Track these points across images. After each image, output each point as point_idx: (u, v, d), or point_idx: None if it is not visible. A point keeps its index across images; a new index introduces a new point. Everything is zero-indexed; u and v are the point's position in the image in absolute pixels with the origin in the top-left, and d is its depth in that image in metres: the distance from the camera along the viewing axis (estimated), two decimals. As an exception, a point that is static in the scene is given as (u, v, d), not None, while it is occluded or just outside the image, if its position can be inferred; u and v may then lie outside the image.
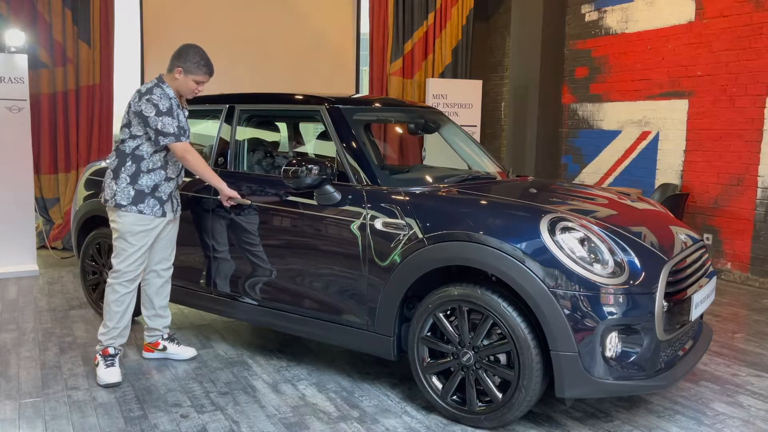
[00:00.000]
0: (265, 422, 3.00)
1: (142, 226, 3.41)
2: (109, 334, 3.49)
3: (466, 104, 7.81)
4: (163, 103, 3.34)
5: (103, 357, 3.48)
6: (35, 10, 6.29)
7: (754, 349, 4.12)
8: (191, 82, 3.42)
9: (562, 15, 7.61)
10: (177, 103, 3.44)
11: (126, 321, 3.51)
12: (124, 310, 3.49)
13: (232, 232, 3.72)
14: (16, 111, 5.63)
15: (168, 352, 3.74)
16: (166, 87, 3.42)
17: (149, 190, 3.41)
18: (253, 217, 3.60)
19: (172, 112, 3.36)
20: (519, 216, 2.96)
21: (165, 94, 3.38)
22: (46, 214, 6.65)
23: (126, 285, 3.46)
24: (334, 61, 8.07)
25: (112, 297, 3.46)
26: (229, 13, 7.43)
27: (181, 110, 3.48)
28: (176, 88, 3.44)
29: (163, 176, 3.45)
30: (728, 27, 5.87)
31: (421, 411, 3.13)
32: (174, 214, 3.59)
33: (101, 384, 3.38)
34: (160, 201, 3.45)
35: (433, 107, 4.55)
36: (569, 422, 3.04)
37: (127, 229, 3.39)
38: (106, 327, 3.50)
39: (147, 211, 3.40)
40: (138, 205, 3.38)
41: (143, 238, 3.43)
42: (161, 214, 3.46)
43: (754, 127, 5.70)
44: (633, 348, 2.73)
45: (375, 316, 3.18)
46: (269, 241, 3.55)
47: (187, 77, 3.40)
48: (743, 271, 5.88)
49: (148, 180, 3.40)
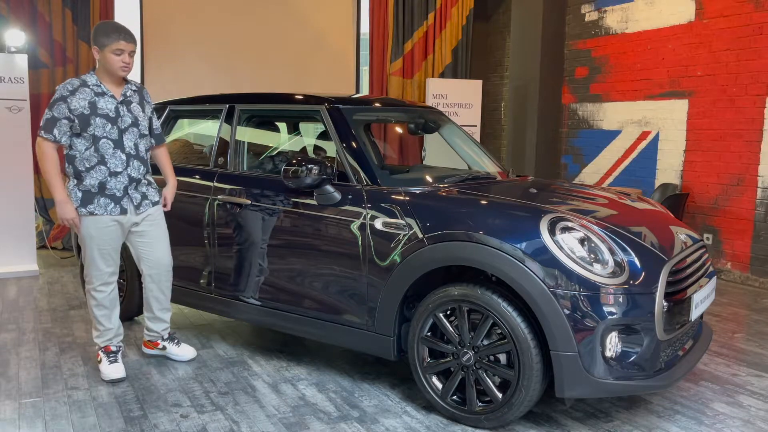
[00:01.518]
0: (265, 422, 3.00)
1: (97, 229, 3.28)
2: (104, 336, 3.48)
3: (466, 104, 7.81)
4: (56, 94, 3.20)
5: (106, 353, 3.47)
6: (35, 10, 6.29)
7: (754, 349, 4.12)
8: (110, 55, 3.20)
9: (562, 15, 7.61)
10: (94, 91, 3.23)
11: (115, 320, 3.49)
12: (109, 312, 3.45)
13: (231, 232, 3.72)
14: (16, 111, 5.63)
15: (167, 351, 3.72)
16: (87, 76, 3.26)
17: (96, 189, 3.26)
18: (253, 217, 3.60)
19: (54, 104, 3.19)
20: (519, 216, 2.96)
21: (69, 83, 3.22)
22: (46, 214, 6.65)
23: (100, 289, 3.39)
24: (334, 61, 8.07)
25: (92, 302, 3.42)
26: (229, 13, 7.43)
27: (101, 97, 3.24)
28: (104, 71, 3.25)
29: (106, 172, 3.26)
30: (728, 27, 5.87)
31: (421, 411, 3.13)
32: (139, 210, 3.39)
33: (106, 380, 3.39)
34: (113, 199, 3.29)
35: (433, 107, 4.55)
36: (569, 422, 3.04)
37: (85, 233, 3.28)
38: (98, 330, 3.48)
39: (99, 211, 3.26)
40: (87, 207, 3.25)
41: (102, 240, 3.30)
42: (118, 212, 3.31)
43: (754, 127, 5.70)
44: (633, 348, 2.73)
45: (375, 316, 3.18)
46: (269, 241, 3.55)
47: (104, 52, 3.20)
48: (743, 271, 5.88)
49: (91, 179, 3.24)
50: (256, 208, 3.59)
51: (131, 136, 3.34)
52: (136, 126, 3.37)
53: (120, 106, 3.31)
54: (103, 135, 3.24)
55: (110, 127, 3.26)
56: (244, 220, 3.64)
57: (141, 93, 3.47)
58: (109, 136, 3.26)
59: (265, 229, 3.56)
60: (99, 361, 3.49)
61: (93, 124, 3.22)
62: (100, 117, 3.23)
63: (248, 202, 3.62)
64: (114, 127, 3.27)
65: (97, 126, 3.23)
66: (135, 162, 3.36)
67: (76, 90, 3.22)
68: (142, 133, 3.41)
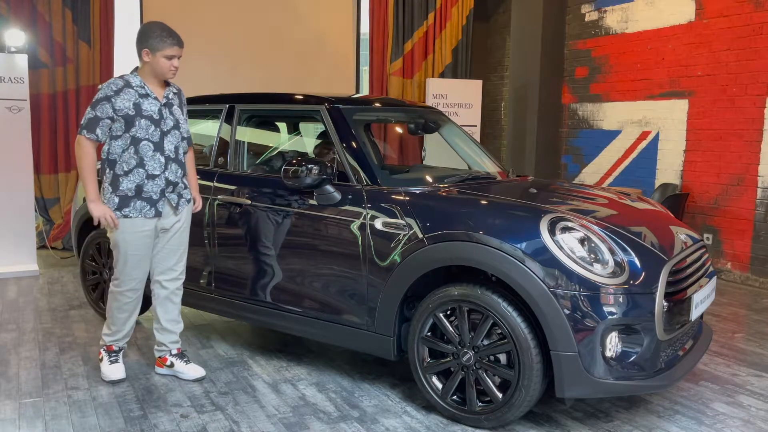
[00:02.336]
0: (265, 422, 3.00)
1: (132, 233, 3.24)
2: (113, 336, 3.46)
3: (466, 104, 7.81)
4: (100, 93, 3.16)
5: (108, 353, 3.46)
6: (35, 10, 6.29)
7: (754, 349, 4.11)
8: (162, 59, 3.18)
9: (562, 15, 7.61)
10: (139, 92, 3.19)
11: (130, 325, 3.47)
12: (128, 316, 3.43)
13: (231, 232, 3.72)
14: (16, 111, 5.64)
15: (175, 369, 3.50)
16: (130, 76, 3.23)
17: (132, 193, 3.22)
18: (253, 217, 3.60)
19: (97, 103, 3.14)
20: (519, 216, 2.96)
21: (113, 83, 3.18)
22: (46, 214, 6.65)
23: (128, 294, 3.35)
24: (334, 61, 8.06)
25: (115, 304, 3.37)
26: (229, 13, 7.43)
27: (145, 99, 3.20)
28: (151, 73, 3.23)
29: (144, 175, 3.22)
30: (728, 27, 5.87)
31: (421, 411, 3.13)
32: (177, 210, 3.36)
33: (106, 380, 3.38)
34: (149, 201, 3.24)
35: (433, 107, 4.55)
36: (569, 422, 3.04)
37: (119, 236, 3.24)
38: (110, 329, 3.45)
39: (134, 214, 3.22)
40: (123, 210, 3.21)
41: (136, 244, 3.26)
42: (153, 214, 3.26)
43: (754, 127, 5.70)
44: (633, 348, 2.73)
45: (375, 316, 3.18)
46: (269, 241, 3.55)
47: (155, 56, 3.17)
48: (743, 271, 5.88)
49: (128, 182, 3.21)
50: (256, 208, 3.59)
51: (172, 139, 3.29)
52: (177, 129, 3.32)
53: (163, 108, 3.26)
54: (145, 137, 3.19)
55: (153, 129, 3.21)
56: (244, 220, 3.64)
57: (180, 96, 3.44)
58: (150, 138, 3.21)
59: (265, 229, 3.56)
60: (100, 360, 3.48)
61: (137, 125, 3.17)
62: (145, 119, 3.18)
63: (248, 202, 3.62)
64: (157, 130, 3.22)
65: (140, 127, 3.18)
66: (173, 165, 3.31)
67: (120, 90, 3.17)
68: (183, 136, 3.37)
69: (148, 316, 4.44)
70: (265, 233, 3.56)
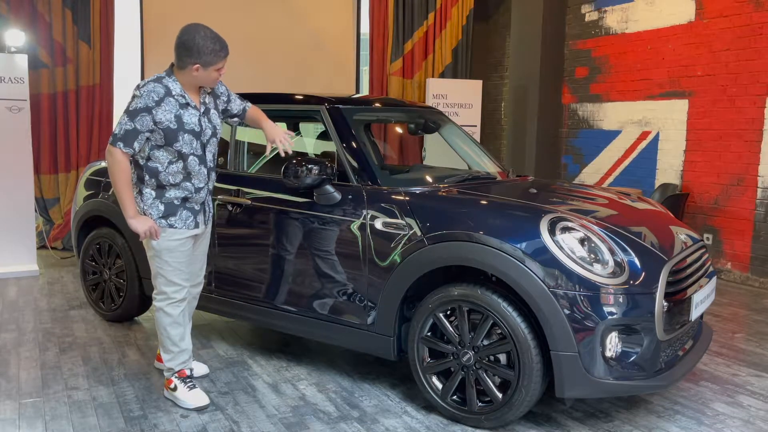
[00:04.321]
0: (265, 422, 3.00)
1: (176, 241, 3.09)
2: (178, 358, 3.21)
3: (466, 104, 7.81)
4: (140, 102, 2.92)
5: (182, 379, 3.20)
6: (35, 10, 6.28)
7: (754, 349, 4.11)
8: (213, 73, 3.01)
9: (562, 15, 7.61)
10: (179, 102, 2.99)
11: (188, 340, 3.24)
12: (183, 330, 3.21)
13: (231, 232, 3.72)
14: (16, 111, 5.63)
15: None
16: (169, 81, 3.00)
17: (179, 202, 3.09)
18: (253, 217, 3.60)
19: (137, 113, 2.91)
20: (519, 216, 2.96)
21: (153, 91, 2.94)
22: (46, 214, 6.65)
23: (177, 305, 3.17)
24: (334, 61, 8.06)
25: (167, 320, 3.17)
26: (229, 13, 7.43)
27: (185, 109, 3.01)
28: (196, 83, 3.05)
29: (191, 188, 3.09)
30: (728, 27, 5.87)
31: (421, 411, 3.13)
32: (206, 223, 3.27)
33: (189, 408, 3.11)
34: (192, 212, 3.13)
35: (433, 107, 4.55)
36: (569, 422, 3.04)
37: (162, 246, 3.07)
38: (171, 353, 3.20)
39: (179, 224, 3.08)
40: (169, 219, 3.06)
41: (180, 252, 3.12)
42: (194, 225, 3.14)
43: (754, 127, 5.70)
44: (633, 348, 2.73)
45: (375, 316, 3.18)
46: (269, 241, 3.55)
47: (207, 70, 2.99)
48: (743, 271, 5.88)
49: (176, 192, 3.07)
50: (256, 208, 3.59)
51: (212, 148, 3.18)
52: (215, 136, 3.19)
53: (202, 118, 3.09)
54: (190, 152, 3.04)
55: (196, 144, 3.06)
56: (244, 220, 3.64)
57: (214, 95, 3.26)
58: (195, 153, 3.06)
59: (265, 229, 3.56)
60: (173, 389, 3.19)
61: (181, 140, 3.00)
62: (188, 133, 3.02)
63: (248, 202, 3.62)
64: (198, 142, 3.07)
65: (185, 143, 3.01)
66: (213, 174, 3.23)
67: (161, 100, 2.94)
68: (218, 140, 3.25)
69: (147, 316, 4.44)
70: (265, 233, 3.56)
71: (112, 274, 4.30)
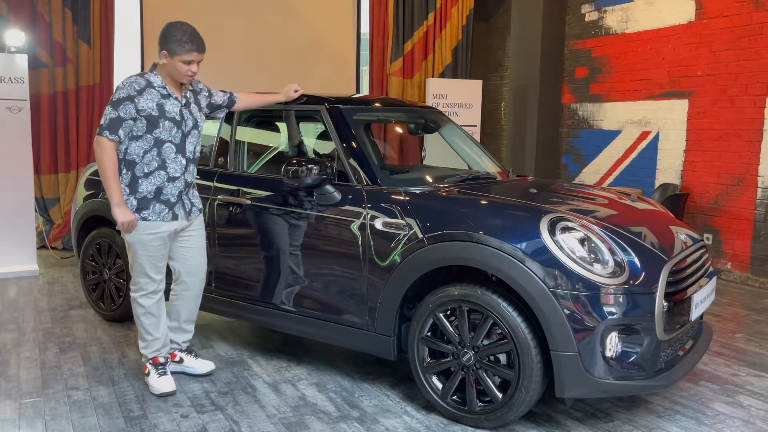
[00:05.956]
0: (265, 422, 3.00)
1: (150, 235, 3.18)
2: (152, 346, 3.34)
3: (466, 104, 7.81)
4: (122, 92, 3.06)
5: (154, 365, 3.32)
6: (35, 10, 6.29)
7: (754, 349, 4.12)
8: (179, 64, 3.08)
9: (562, 15, 7.61)
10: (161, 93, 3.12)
11: (163, 329, 3.36)
12: (157, 320, 3.32)
13: (231, 232, 3.72)
14: (16, 111, 5.64)
15: (184, 365, 3.50)
16: (150, 75, 3.14)
17: (152, 195, 3.17)
18: (253, 217, 3.60)
19: (120, 103, 3.04)
20: (519, 216, 2.96)
21: (135, 82, 3.08)
22: (46, 214, 6.65)
23: (150, 296, 3.28)
24: (334, 61, 8.06)
25: (140, 311, 3.29)
26: (229, 13, 7.43)
27: (167, 99, 3.13)
28: (168, 74, 3.15)
29: (165, 177, 3.18)
30: (728, 27, 5.87)
31: (421, 411, 3.13)
32: (189, 217, 3.33)
33: (156, 393, 3.25)
34: (167, 204, 3.20)
35: (433, 107, 4.55)
36: (569, 422, 3.04)
37: (136, 238, 3.17)
38: (145, 341, 3.33)
39: (152, 217, 3.17)
40: (142, 213, 3.15)
41: (153, 246, 3.20)
42: (170, 218, 3.21)
43: (754, 127, 5.70)
44: (633, 348, 2.73)
45: (375, 316, 3.18)
46: (269, 241, 3.55)
47: (173, 60, 3.08)
48: (743, 271, 5.88)
49: (148, 185, 3.16)
50: (256, 208, 3.59)
51: (193, 140, 3.27)
52: (196, 128, 3.29)
53: (183, 109, 3.21)
54: (168, 138, 3.15)
55: (175, 131, 3.17)
56: (244, 220, 3.64)
57: (195, 92, 3.36)
58: (173, 140, 3.17)
59: (265, 229, 3.56)
60: (146, 374, 3.33)
61: (161, 127, 3.12)
62: (168, 120, 3.13)
63: (248, 202, 3.62)
64: (179, 131, 3.18)
65: (164, 129, 3.13)
66: (191, 166, 3.30)
67: (143, 90, 3.08)
68: (200, 134, 3.34)
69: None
70: (265, 233, 3.56)
71: (112, 274, 4.30)
